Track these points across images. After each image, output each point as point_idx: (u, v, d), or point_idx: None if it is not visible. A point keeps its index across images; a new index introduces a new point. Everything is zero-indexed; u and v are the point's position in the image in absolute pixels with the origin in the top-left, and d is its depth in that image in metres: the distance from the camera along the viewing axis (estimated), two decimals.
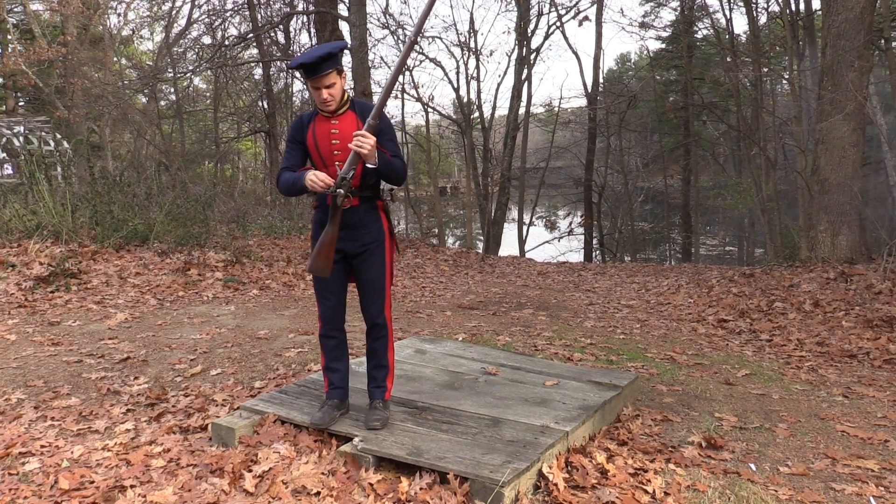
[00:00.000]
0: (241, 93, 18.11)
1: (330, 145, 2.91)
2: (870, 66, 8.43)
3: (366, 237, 2.98)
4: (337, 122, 2.92)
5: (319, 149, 2.92)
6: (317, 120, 2.96)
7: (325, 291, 3.05)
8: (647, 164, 24.33)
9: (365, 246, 2.98)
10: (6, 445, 2.99)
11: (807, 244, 8.93)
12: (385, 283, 3.04)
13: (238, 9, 14.82)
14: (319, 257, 2.96)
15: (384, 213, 3.05)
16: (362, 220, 2.97)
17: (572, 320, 6.44)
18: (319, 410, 3.04)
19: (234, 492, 2.58)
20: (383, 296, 3.04)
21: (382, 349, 3.07)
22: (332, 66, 2.81)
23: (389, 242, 3.06)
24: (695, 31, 20.77)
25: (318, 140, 2.92)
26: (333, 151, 2.91)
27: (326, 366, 3.12)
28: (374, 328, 3.06)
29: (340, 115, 2.94)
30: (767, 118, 14.53)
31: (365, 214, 2.97)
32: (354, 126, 2.90)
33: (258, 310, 6.16)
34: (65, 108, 16.64)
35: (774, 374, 4.58)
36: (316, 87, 2.84)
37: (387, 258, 3.04)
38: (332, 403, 3.06)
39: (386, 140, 2.89)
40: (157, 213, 8.36)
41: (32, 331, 5.06)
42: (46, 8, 19.89)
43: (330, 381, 3.11)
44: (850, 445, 3.17)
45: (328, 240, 2.93)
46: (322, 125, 2.93)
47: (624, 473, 2.72)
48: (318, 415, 3.01)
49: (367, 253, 2.99)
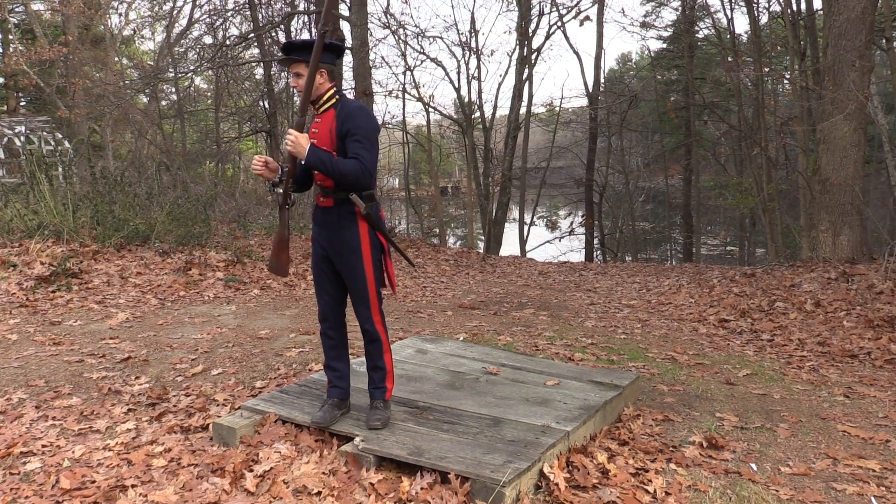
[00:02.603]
0: (242, 93, 18.10)
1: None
2: (871, 66, 8.41)
3: (342, 241, 2.93)
4: (319, 121, 2.94)
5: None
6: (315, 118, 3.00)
7: (319, 290, 3.08)
8: (649, 164, 24.32)
9: (341, 251, 2.94)
10: (7, 445, 2.99)
11: (808, 244, 8.93)
12: (368, 291, 2.95)
13: (239, 9, 14.83)
14: (273, 257, 3.06)
15: (363, 218, 2.91)
16: (339, 223, 2.92)
17: (573, 320, 6.44)
18: (320, 410, 3.04)
19: (235, 491, 2.58)
20: (367, 302, 2.97)
21: (376, 352, 3.06)
22: (300, 56, 2.84)
23: (368, 250, 2.93)
24: (696, 30, 20.76)
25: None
26: None
27: (326, 364, 3.13)
28: (364, 333, 3.05)
29: (322, 113, 2.94)
30: (769, 118, 14.52)
31: (339, 217, 2.92)
32: (331, 125, 2.88)
33: (259, 309, 6.16)
34: (66, 108, 16.64)
35: (776, 373, 4.58)
36: (293, 75, 2.91)
37: (366, 266, 2.93)
38: (332, 402, 3.06)
39: (351, 140, 2.82)
40: (159, 213, 8.36)
41: (34, 330, 5.06)
42: (48, 8, 19.91)
43: (329, 380, 3.12)
44: (851, 445, 3.17)
45: (277, 239, 3.02)
46: (313, 123, 2.98)
47: (625, 473, 2.72)
48: (318, 414, 3.01)
49: (344, 259, 2.94)
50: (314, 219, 3.03)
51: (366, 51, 11.91)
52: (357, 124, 2.83)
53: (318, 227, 3.01)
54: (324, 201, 2.93)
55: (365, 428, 2.90)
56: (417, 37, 16.50)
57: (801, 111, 11.56)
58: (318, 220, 3.00)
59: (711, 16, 19.47)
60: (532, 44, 16.87)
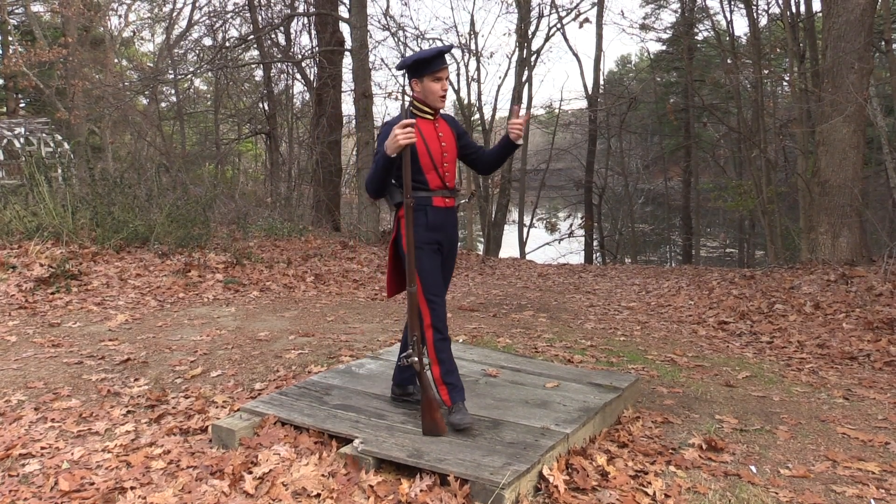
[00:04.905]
0: (241, 94, 18.10)
1: (440, 147, 3.01)
2: (870, 68, 8.43)
3: (457, 240, 3.19)
4: (439, 126, 3.06)
5: (430, 150, 2.97)
6: (420, 124, 2.99)
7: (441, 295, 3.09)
8: (648, 166, 24.35)
9: (454, 250, 3.19)
10: (6, 447, 2.99)
11: (807, 246, 8.94)
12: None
13: (239, 10, 14.83)
14: (427, 419, 2.91)
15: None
16: (455, 222, 3.14)
17: (573, 322, 6.44)
18: (459, 413, 2.90)
19: (234, 493, 2.57)
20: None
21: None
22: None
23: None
24: (695, 32, 20.80)
25: (427, 141, 2.97)
26: (443, 153, 3.02)
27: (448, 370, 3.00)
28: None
29: (437, 119, 3.07)
30: (768, 120, 14.54)
31: (455, 216, 3.14)
32: (450, 131, 3.08)
33: (258, 311, 6.16)
34: (65, 110, 16.65)
35: (775, 375, 4.58)
36: (438, 79, 2.96)
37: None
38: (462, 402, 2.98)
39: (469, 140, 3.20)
40: (158, 215, 8.36)
41: (33, 332, 5.06)
42: (47, 9, 19.92)
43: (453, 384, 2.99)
44: (850, 447, 3.17)
45: (427, 401, 2.90)
46: (426, 126, 3.01)
47: (624, 475, 2.72)
48: (461, 417, 2.89)
49: (453, 257, 3.20)
50: (432, 223, 2.98)
51: (365, 53, 11.93)
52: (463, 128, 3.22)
53: (438, 231, 3.00)
54: (448, 202, 3.04)
55: (364, 430, 2.90)
56: (417, 38, 16.49)
57: (800, 113, 11.58)
58: (439, 223, 3.00)
59: (711, 18, 19.53)
60: (532, 46, 16.92)
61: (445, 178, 3.03)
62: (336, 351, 4.62)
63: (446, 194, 3.04)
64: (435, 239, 3.01)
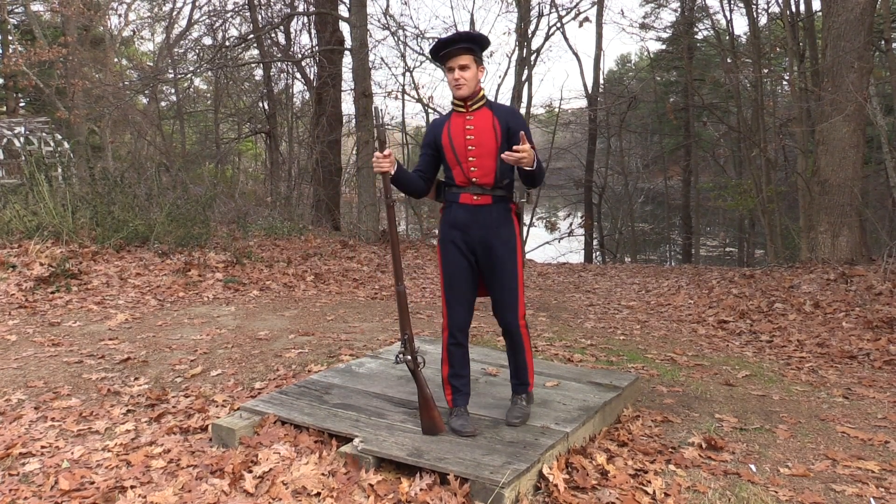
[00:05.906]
0: (241, 94, 18.09)
1: (464, 141, 2.85)
2: (870, 68, 8.43)
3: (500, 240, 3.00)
4: (472, 118, 2.87)
5: (454, 145, 2.86)
6: (452, 117, 2.92)
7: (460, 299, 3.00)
8: (648, 165, 24.33)
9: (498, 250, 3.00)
10: (6, 446, 2.99)
11: (807, 245, 8.94)
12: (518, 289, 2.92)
13: (238, 10, 14.82)
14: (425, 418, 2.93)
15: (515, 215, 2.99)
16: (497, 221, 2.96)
17: (572, 321, 6.44)
18: (460, 418, 2.90)
19: (234, 492, 2.58)
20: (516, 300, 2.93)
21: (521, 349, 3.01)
22: (468, 48, 2.79)
23: (520, 246, 2.99)
24: (695, 32, 20.78)
25: (452, 137, 2.87)
26: (468, 147, 2.85)
27: (453, 374, 3.00)
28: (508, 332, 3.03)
29: (475, 110, 2.88)
30: (768, 119, 14.54)
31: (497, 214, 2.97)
32: (490, 123, 2.84)
33: (258, 311, 6.16)
34: (65, 109, 16.63)
35: (775, 375, 4.58)
36: (451, 69, 2.80)
37: (518, 263, 2.95)
38: (464, 409, 2.97)
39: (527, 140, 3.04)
40: (158, 214, 8.35)
41: (33, 331, 5.06)
42: (47, 9, 19.91)
43: (456, 388, 2.99)
44: (850, 446, 3.17)
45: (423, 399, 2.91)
46: (457, 121, 2.90)
47: (624, 474, 2.72)
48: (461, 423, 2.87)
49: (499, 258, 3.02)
50: (456, 220, 2.90)
51: (365, 52, 11.93)
52: (524, 123, 2.87)
53: (464, 230, 2.89)
54: (477, 199, 2.87)
55: (364, 429, 2.90)
56: (417, 38, 16.48)
57: (800, 112, 11.58)
58: (465, 222, 2.88)
59: (710, 17, 19.49)
60: (531, 45, 16.86)
61: (471, 174, 2.87)
62: (336, 350, 4.62)
63: (475, 191, 2.87)
64: (458, 237, 2.90)
